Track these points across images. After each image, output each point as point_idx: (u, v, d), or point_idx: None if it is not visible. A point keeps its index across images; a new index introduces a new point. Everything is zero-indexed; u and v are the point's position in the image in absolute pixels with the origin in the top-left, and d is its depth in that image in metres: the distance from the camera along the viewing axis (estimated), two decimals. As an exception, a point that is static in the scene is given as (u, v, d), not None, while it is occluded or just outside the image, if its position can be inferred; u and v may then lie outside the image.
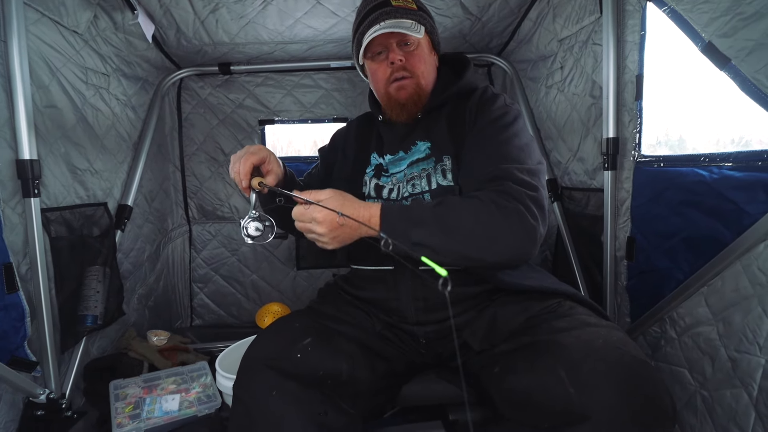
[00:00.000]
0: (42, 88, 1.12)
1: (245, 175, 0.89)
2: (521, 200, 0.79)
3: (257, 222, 0.86)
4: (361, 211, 0.81)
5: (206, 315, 2.00)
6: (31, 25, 1.07)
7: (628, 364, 0.64)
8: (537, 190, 0.82)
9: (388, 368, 0.93)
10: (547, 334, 0.75)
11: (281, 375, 0.77)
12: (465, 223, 0.78)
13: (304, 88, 1.92)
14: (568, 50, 1.39)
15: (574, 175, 1.42)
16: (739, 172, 0.88)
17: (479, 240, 0.78)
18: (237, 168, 0.89)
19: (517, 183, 0.81)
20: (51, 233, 1.12)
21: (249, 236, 0.86)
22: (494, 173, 0.84)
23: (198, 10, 1.42)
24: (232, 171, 0.91)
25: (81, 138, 1.28)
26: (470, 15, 1.52)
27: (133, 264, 1.59)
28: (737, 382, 0.83)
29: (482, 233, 0.78)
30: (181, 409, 1.14)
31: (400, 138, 1.04)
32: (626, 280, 1.19)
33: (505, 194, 0.80)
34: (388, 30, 0.93)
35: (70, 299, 1.20)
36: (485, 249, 0.79)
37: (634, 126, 1.12)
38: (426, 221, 0.79)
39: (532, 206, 0.79)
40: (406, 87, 0.98)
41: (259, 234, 0.87)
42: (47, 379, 1.09)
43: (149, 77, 1.70)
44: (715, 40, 0.85)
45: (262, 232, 0.87)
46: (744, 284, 0.83)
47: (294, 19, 1.49)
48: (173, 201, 1.94)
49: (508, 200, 0.79)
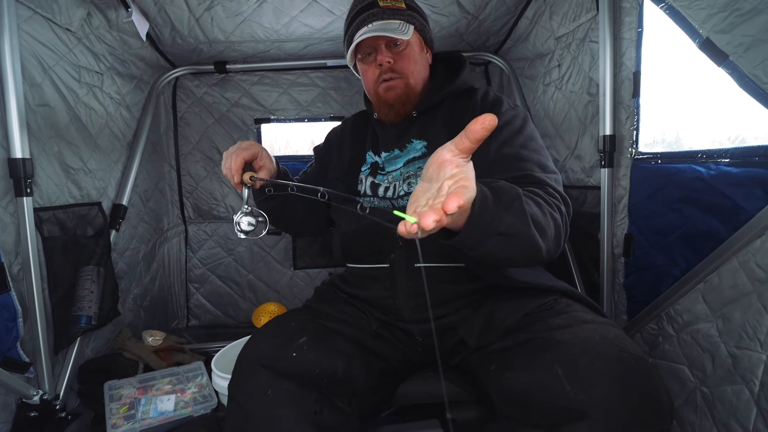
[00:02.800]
0: (34, 86, 1.11)
1: (237, 171, 0.89)
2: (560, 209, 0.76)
3: (250, 217, 0.87)
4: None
5: (202, 315, 1.99)
6: (23, 23, 1.06)
7: (626, 361, 0.64)
8: (564, 200, 0.80)
9: (384, 367, 0.93)
10: (544, 331, 0.75)
11: (277, 374, 0.76)
12: (538, 214, 0.70)
13: (300, 87, 1.91)
14: (565, 48, 1.38)
15: (571, 173, 1.42)
16: (736, 169, 0.88)
17: (546, 233, 0.70)
18: (229, 164, 0.90)
19: (550, 189, 0.79)
20: (44, 233, 1.11)
21: (242, 231, 0.86)
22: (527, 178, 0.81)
23: (193, 7, 1.41)
24: (225, 167, 0.92)
25: (74, 137, 1.27)
26: (467, 13, 1.52)
27: (128, 264, 1.58)
28: (738, 378, 0.82)
29: (548, 227, 0.71)
30: (176, 410, 1.13)
31: (395, 136, 1.03)
32: (623, 278, 1.19)
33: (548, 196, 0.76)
34: (375, 34, 0.93)
35: (63, 299, 1.19)
36: (549, 247, 0.71)
37: (632, 123, 1.12)
38: (514, 206, 0.65)
39: (566, 214, 0.78)
40: (394, 87, 0.98)
41: (252, 228, 0.87)
42: (41, 380, 1.08)
43: (144, 76, 1.69)
44: (713, 36, 0.84)
45: (255, 226, 0.87)
46: (742, 280, 0.83)
47: (290, 17, 1.48)
48: (169, 200, 1.93)
49: (554, 206, 0.75)
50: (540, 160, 0.86)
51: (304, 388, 0.76)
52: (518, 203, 0.65)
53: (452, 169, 0.52)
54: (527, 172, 0.82)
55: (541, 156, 0.87)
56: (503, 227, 0.62)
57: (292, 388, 0.75)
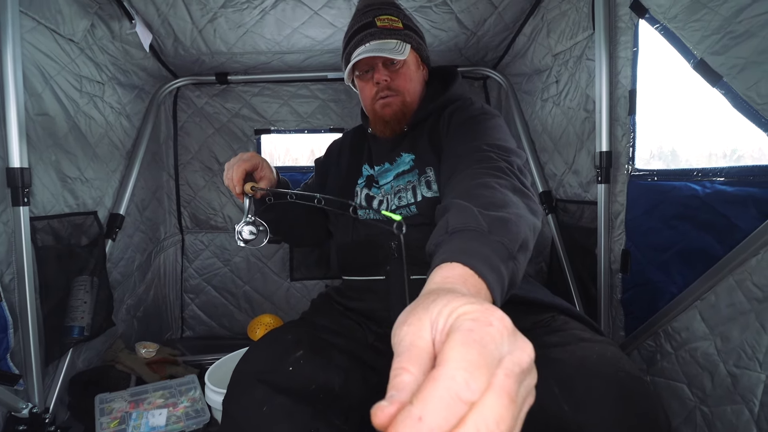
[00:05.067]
0: (34, 95, 1.11)
1: (238, 181, 0.91)
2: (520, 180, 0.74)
3: (251, 226, 0.88)
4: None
5: (197, 326, 1.97)
6: (26, 33, 1.07)
7: (623, 380, 0.63)
8: (525, 175, 0.78)
9: (380, 381, 0.91)
10: (541, 348, 0.73)
11: (272, 389, 0.75)
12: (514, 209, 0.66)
13: (300, 99, 1.92)
14: (563, 65, 1.40)
15: (569, 188, 1.43)
16: (731, 187, 0.89)
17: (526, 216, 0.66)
18: (230, 174, 0.92)
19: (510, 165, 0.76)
20: (37, 243, 1.10)
21: (243, 240, 0.88)
22: (482, 155, 0.79)
23: (196, 19, 1.42)
24: (226, 178, 0.93)
25: (72, 146, 1.27)
26: (466, 29, 1.54)
27: (122, 274, 1.56)
28: (738, 398, 0.82)
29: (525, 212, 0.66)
30: (168, 425, 1.11)
31: (387, 150, 1.06)
32: (621, 293, 1.19)
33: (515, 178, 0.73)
34: (372, 54, 0.95)
35: (55, 310, 1.17)
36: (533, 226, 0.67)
37: (628, 140, 1.13)
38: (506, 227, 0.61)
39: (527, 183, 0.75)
40: (391, 105, 1.00)
41: (253, 238, 0.88)
42: (30, 392, 1.05)
43: (145, 86, 1.70)
44: (707, 57, 0.86)
45: (256, 236, 0.88)
46: (739, 299, 0.83)
47: (291, 28, 1.50)
48: (166, 210, 1.92)
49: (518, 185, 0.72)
50: (499, 138, 0.84)
51: (300, 404, 0.75)
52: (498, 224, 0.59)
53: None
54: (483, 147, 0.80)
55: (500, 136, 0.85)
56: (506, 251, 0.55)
57: (288, 404, 0.74)
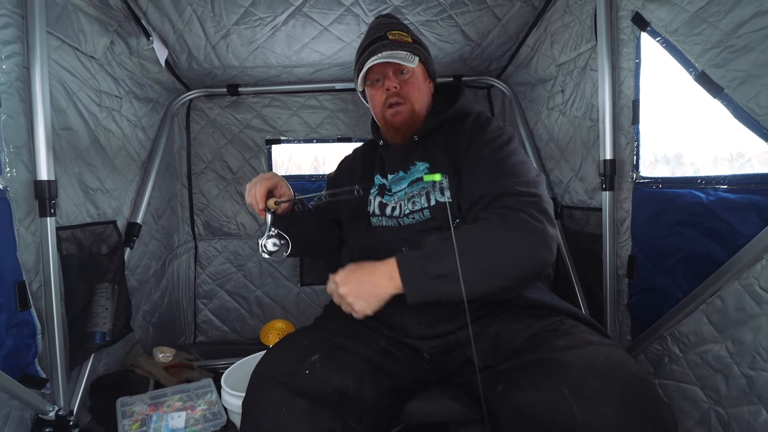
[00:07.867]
0: (59, 111, 1.17)
1: (261, 198, 0.98)
2: (523, 209, 0.83)
3: (275, 239, 0.96)
4: (379, 266, 0.85)
5: (210, 331, 2.01)
6: (51, 52, 1.12)
7: (630, 382, 0.66)
8: (536, 196, 0.86)
9: (393, 384, 0.94)
10: (550, 352, 0.77)
11: (291, 392, 0.78)
12: (479, 242, 0.82)
13: (309, 109, 1.97)
14: (567, 75, 1.44)
15: (575, 194, 1.46)
16: (734, 194, 0.91)
17: (497, 256, 0.81)
18: (253, 192, 0.99)
19: (516, 195, 0.86)
20: (62, 251, 1.14)
21: (267, 252, 0.95)
22: (495, 192, 0.89)
23: (210, 35, 1.48)
24: (249, 196, 1.00)
25: (93, 158, 1.32)
26: (470, 41, 1.58)
27: (139, 281, 1.61)
28: (754, 398, 0.83)
29: (497, 248, 0.81)
30: (187, 427, 1.15)
31: (400, 159, 1.10)
32: (627, 298, 1.21)
33: (507, 209, 0.84)
34: (384, 60, 1.01)
35: (79, 316, 1.22)
36: (506, 263, 0.81)
37: (632, 149, 1.16)
38: (440, 252, 0.81)
39: (533, 211, 0.83)
40: (401, 112, 1.06)
41: (276, 249, 0.96)
42: (56, 396, 1.10)
43: (160, 98, 1.75)
44: (708, 69, 0.89)
45: (278, 248, 0.96)
46: (749, 303, 0.85)
47: (301, 44, 1.55)
48: (180, 218, 1.97)
49: (511, 213, 0.83)
50: (516, 171, 0.92)
51: (317, 406, 0.78)
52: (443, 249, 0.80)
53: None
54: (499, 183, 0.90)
55: (519, 168, 0.93)
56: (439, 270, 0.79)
57: (306, 406, 0.77)
